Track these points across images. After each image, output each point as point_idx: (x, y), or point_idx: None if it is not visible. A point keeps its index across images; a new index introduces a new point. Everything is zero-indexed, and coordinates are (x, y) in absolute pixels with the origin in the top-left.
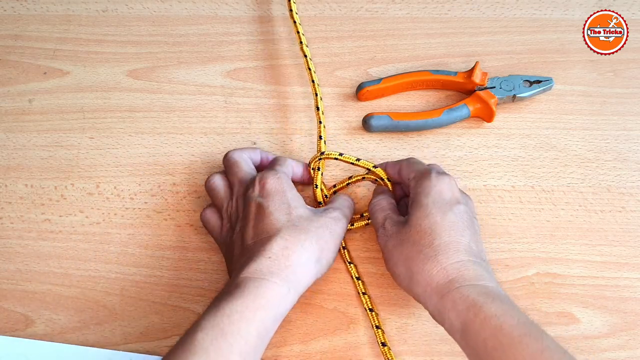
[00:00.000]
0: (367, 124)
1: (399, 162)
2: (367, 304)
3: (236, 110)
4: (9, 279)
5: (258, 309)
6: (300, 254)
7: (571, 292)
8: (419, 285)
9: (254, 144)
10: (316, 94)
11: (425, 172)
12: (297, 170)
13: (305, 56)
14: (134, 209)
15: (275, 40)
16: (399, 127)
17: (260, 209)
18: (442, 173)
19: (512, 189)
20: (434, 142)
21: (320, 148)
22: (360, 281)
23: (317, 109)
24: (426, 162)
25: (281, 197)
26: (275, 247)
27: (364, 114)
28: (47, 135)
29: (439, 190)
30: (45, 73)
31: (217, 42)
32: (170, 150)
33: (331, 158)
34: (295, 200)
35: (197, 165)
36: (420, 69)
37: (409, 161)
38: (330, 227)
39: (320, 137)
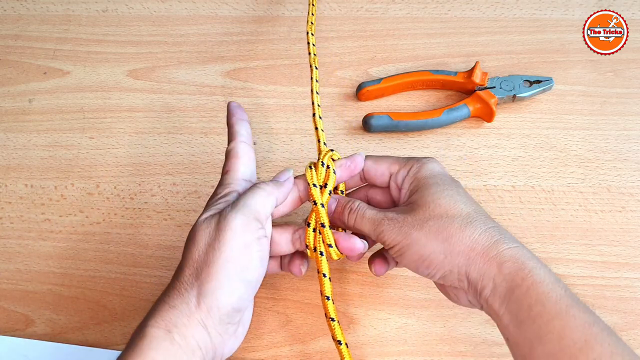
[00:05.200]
0: (367, 124)
1: (352, 162)
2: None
3: None
4: (9, 279)
5: None
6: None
7: None
8: (460, 255)
9: (254, 144)
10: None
11: (411, 162)
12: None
13: (311, 66)
14: (134, 209)
15: (275, 40)
16: (399, 127)
17: None
18: (424, 157)
19: (512, 189)
20: (434, 142)
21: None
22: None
23: (314, 115)
24: None
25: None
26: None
27: (364, 114)
28: (47, 135)
29: (436, 171)
30: (45, 73)
31: (217, 42)
32: (170, 150)
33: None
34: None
35: (197, 165)
36: (420, 69)
37: (379, 157)
38: (218, 244)
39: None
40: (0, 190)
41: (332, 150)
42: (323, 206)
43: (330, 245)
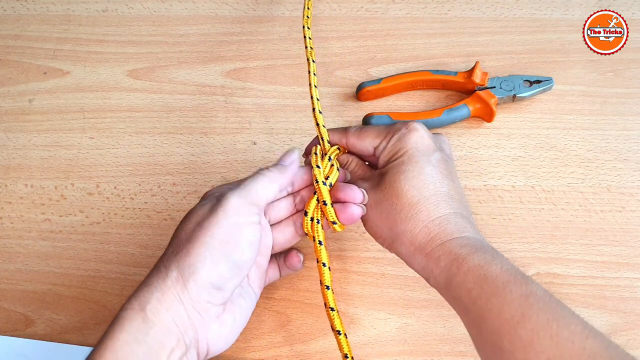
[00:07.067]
0: (367, 124)
1: (345, 135)
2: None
3: (236, 110)
4: (9, 279)
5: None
6: (157, 270)
7: (571, 292)
8: (402, 245)
9: (254, 144)
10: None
11: (392, 132)
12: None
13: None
14: (134, 209)
15: (275, 40)
16: None
17: None
18: (407, 124)
19: (512, 189)
20: None
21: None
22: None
23: (313, 110)
24: None
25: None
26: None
27: (364, 114)
28: (47, 135)
29: (412, 143)
30: (45, 73)
31: (217, 42)
32: (170, 150)
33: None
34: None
35: (197, 165)
36: (420, 69)
37: (362, 131)
38: (206, 223)
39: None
40: (0, 190)
41: (339, 149)
42: (325, 184)
43: (334, 222)
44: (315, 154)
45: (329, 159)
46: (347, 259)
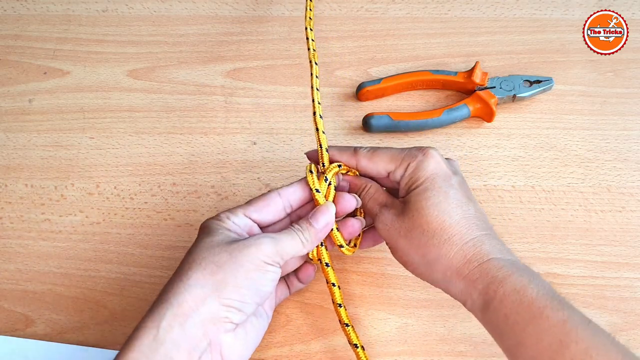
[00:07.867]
0: (367, 124)
1: (355, 156)
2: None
3: (236, 110)
4: (9, 279)
5: None
6: (176, 286)
7: (571, 292)
8: (437, 272)
9: (254, 143)
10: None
11: (408, 159)
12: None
13: (311, 62)
14: (134, 209)
15: (275, 40)
16: (399, 127)
17: None
18: (423, 149)
19: (512, 189)
20: (434, 142)
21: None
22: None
23: (314, 113)
24: None
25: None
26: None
27: (364, 114)
28: (47, 135)
29: (432, 170)
30: (45, 73)
31: (217, 42)
32: (170, 150)
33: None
34: (204, 234)
35: (197, 165)
36: (420, 69)
37: (375, 154)
38: (237, 252)
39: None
40: (0, 190)
41: (339, 165)
42: None
43: (341, 246)
44: (311, 172)
45: (326, 180)
46: (347, 259)
